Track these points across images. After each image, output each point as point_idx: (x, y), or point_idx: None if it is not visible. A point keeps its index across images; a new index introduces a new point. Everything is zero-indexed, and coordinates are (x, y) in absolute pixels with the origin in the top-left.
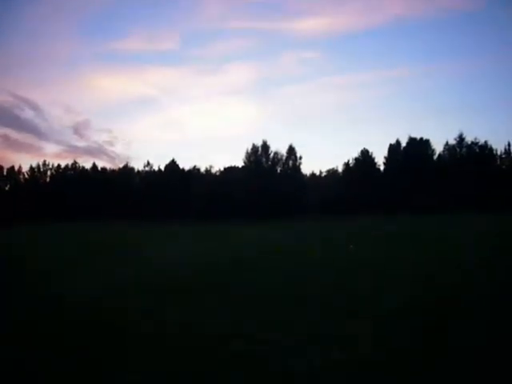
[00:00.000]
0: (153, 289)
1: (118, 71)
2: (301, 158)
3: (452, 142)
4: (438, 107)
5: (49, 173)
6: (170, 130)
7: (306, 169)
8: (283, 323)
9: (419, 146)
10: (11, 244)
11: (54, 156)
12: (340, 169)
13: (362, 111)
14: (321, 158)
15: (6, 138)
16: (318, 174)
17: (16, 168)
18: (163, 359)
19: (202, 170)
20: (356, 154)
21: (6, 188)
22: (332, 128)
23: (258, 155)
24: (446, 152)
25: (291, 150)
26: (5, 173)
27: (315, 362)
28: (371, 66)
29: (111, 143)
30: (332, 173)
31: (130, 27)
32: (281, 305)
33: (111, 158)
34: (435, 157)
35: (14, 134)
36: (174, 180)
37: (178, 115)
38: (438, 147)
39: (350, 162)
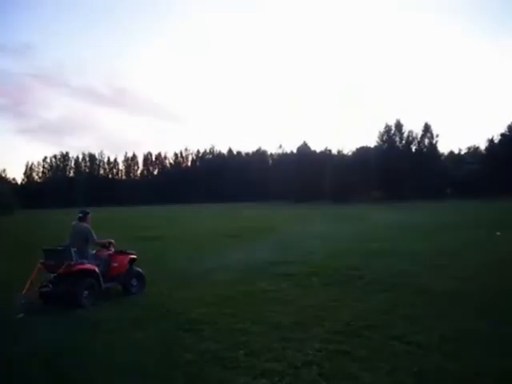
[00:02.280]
0: None
1: None
2: (437, 135)
3: None
4: None
5: (190, 157)
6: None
7: (445, 147)
8: None
9: None
10: None
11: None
12: (483, 146)
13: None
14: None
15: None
16: (457, 152)
17: (162, 154)
18: None
19: (334, 151)
20: (502, 129)
21: (155, 172)
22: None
23: (391, 134)
24: None
25: (427, 128)
26: (153, 158)
27: None
28: None
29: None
30: (473, 150)
31: None
32: None
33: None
34: None
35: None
36: (306, 162)
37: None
38: None
39: (495, 138)
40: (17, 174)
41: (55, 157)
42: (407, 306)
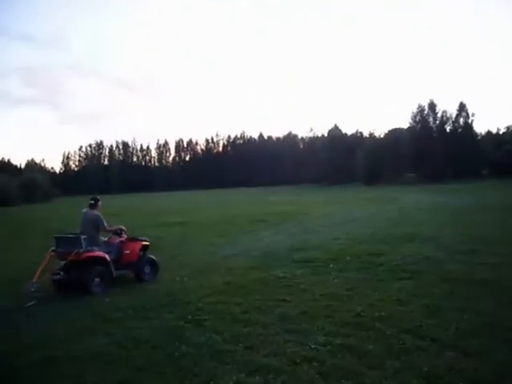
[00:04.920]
0: None
1: None
2: (473, 114)
3: None
4: None
5: (221, 143)
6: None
7: (482, 127)
8: None
9: None
10: None
11: None
12: None
13: None
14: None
15: (182, 112)
16: (495, 131)
17: (194, 140)
18: None
19: (366, 133)
20: None
21: (187, 158)
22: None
23: (425, 115)
24: None
25: (462, 107)
26: (185, 144)
27: None
28: None
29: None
30: None
31: None
32: None
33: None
34: None
35: (189, 109)
36: (338, 145)
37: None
38: None
39: None
40: (55, 164)
41: (90, 146)
42: (427, 296)
